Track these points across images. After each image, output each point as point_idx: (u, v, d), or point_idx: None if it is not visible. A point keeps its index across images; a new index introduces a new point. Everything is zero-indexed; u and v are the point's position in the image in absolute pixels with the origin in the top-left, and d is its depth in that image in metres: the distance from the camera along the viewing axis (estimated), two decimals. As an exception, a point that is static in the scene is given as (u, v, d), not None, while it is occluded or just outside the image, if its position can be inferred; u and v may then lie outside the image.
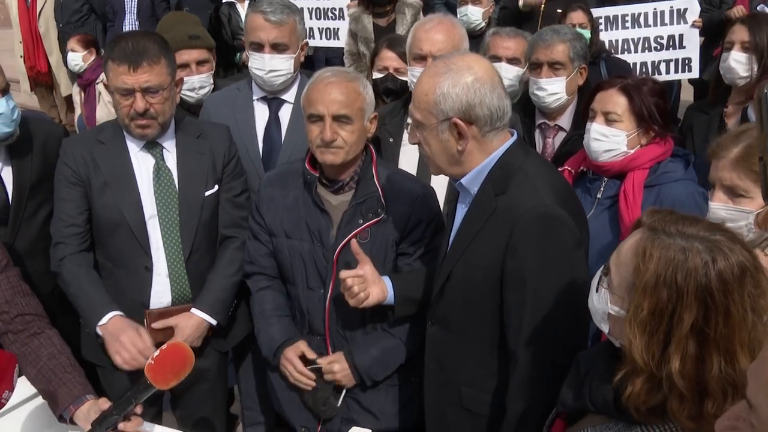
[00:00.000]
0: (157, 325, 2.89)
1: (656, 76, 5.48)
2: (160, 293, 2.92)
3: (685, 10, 5.75)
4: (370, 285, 2.54)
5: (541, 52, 3.58)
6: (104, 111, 6.27)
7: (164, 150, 2.93)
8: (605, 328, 1.72)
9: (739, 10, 5.96)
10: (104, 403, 2.27)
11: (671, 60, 5.81)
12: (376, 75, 3.88)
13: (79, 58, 6.74)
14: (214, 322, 2.98)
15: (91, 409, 2.27)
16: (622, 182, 2.85)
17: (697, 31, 5.79)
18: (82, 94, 6.86)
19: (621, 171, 2.86)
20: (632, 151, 2.83)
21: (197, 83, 3.71)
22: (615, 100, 2.83)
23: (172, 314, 2.92)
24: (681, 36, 5.76)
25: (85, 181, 2.87)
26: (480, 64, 2.22)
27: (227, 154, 3.04)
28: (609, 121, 2.84)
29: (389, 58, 3.88)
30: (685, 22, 5.75)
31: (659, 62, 5.81)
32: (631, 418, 1.63)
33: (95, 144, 2.90)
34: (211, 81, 3.76)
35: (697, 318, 1.51)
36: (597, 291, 1.72)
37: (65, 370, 2.36)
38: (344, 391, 2.78)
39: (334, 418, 2.79)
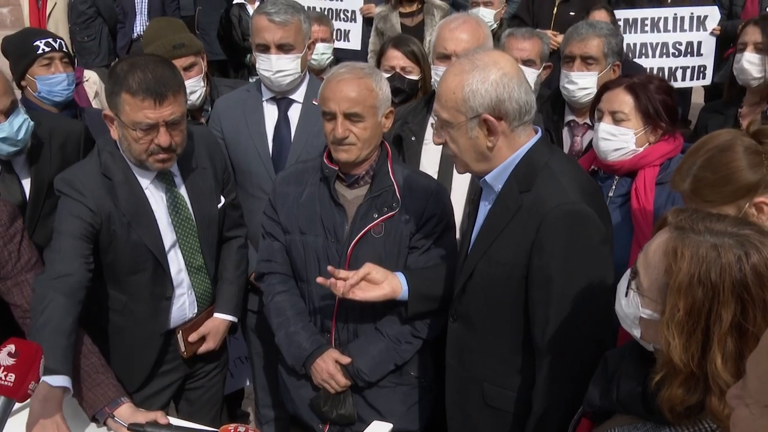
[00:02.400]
0: (192, 338, 2.95)
1: (672, 83, 5.47)
2: (182, 310, 2.91)
3: (705, 17, 5.73)
4: (374, 288, 2.55)
5: (575, 46, 3.57)
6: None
7: (174, 176, 2.83)
8: (636, 333, 1.69)
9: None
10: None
11: (687, 67, 5.80)
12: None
13: None
14: (235, 320, 3.08)
15: (134, 413, 2.31)
16: (633, 180, 2.85)
17: (714, 39, 5.77)
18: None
19: (631, 169, 2.85)
20: (641, 149, 2.83)
21: (187, 89, 3.61)
22: (621, 99, 2.84)
23: (200, 323, 2.98)
24: (699, 43, 5.74)
25: (104, 223, 2.65)
26: (504, 59, 2.21)
27: (222, 160, 3.03)
28: (616, 120, 2.84)
29: (396, 57, 3.86)
30: (705, 29, 5.73)
31: (676, 68, 5.80)
32: (660, 419, 1.62)
33: (104, 180, 2.68)
34: (202, 84, 3.66)
35: (735, 314, 1.50)
36: (626, 295, 1.69)
37: (97, 370, 2.39)
38: (350, 397, 2.78)
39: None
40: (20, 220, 2.57)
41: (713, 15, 5.75)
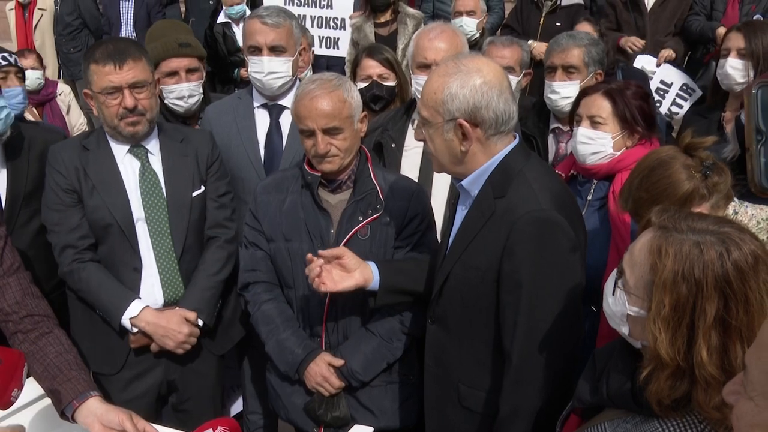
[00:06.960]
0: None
1: (673, 116, 5.44)
2: (151, 294, 2.96)
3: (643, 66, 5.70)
4: (345, 278, 2.53)
5: (556, 56, 3.64)
6: (77, 117, 6.30)
7: (149, 153, 2.98)
8: (625, 331, 1.72)
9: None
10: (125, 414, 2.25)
11: (673, 103, 5.69)
12: (360, 85, 3.90)
13: (40, 74, 6.10)
14: (200, 322, 3.01)
15: (103, 408, 2.24)
16: (610, 184, 2.90)
17: (670, 66, 5.72)
18: (34, 110, 6.16)
19: (609, 173, 2.90)
20: (618, 153, 2.88)
21: (186, 91, 3.59)
22: (599, 104, 2.89)
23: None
24: (663, 81, 5.67)
25: (76, 187, 2.90)
26: (489, 67, 2.22)
27: (210, 156, 3.10)
28: (594, 124, 2.90)
29: (371, 66, 3.91)
30: (653, 72, 5.69)
31: (669, 107, 5.68)
32: (648, 412, 1.65)
33: (81, 150, 2.94)
34: (201, 90, 3.66)
35: (718, 308, 1.54)
36: (613, 294, 1.72)
37: (71, 367, 2.35)
38: (344, 398, 2.79)
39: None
40: (3, 227, 2.57)
41: (648, 60, 5.76)
